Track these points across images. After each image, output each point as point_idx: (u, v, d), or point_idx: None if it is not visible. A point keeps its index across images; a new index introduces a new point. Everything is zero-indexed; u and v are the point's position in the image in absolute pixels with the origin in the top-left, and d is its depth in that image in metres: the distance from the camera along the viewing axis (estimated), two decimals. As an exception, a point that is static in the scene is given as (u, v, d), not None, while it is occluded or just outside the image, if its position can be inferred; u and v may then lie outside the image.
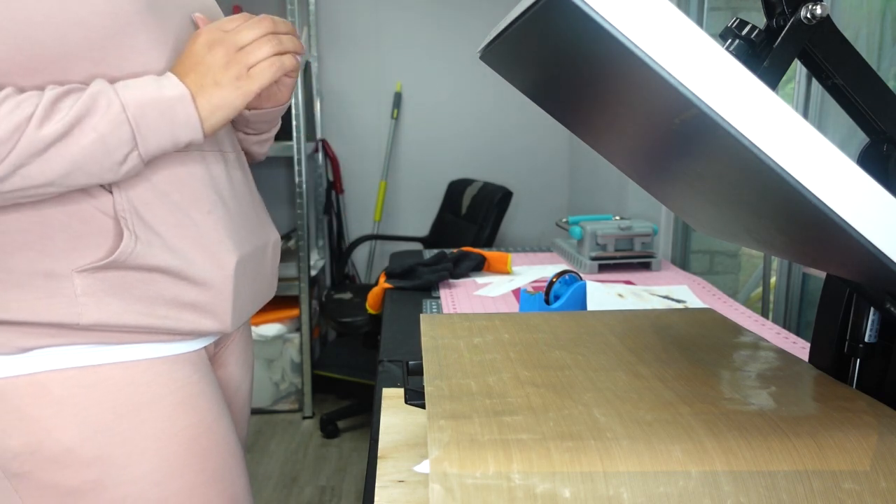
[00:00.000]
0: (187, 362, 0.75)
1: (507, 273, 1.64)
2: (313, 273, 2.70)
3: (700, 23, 1.97)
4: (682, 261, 2.08)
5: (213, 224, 0.72)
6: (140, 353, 0.71)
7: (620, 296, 1.26)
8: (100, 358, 0.69)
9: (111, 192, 0.66)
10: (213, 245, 0.72)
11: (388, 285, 1.52)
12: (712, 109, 0.39)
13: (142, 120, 0.63)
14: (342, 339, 3.00)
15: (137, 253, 0.67)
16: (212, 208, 0.73)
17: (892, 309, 0.58)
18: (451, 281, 1.57)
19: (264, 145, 0.93)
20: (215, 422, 0.77)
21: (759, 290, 1.78)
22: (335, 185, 3.05)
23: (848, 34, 0.59)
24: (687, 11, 1.98)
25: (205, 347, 0.80)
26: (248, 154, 0.92)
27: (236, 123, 0.85)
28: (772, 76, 0.53)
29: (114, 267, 0.66)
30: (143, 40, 0.66)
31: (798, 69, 1.50)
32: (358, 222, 3.15)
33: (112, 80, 0.64)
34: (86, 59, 0.63)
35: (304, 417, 2.66)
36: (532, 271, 1.66)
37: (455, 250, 1.71)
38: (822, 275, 0.73)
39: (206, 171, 0.73)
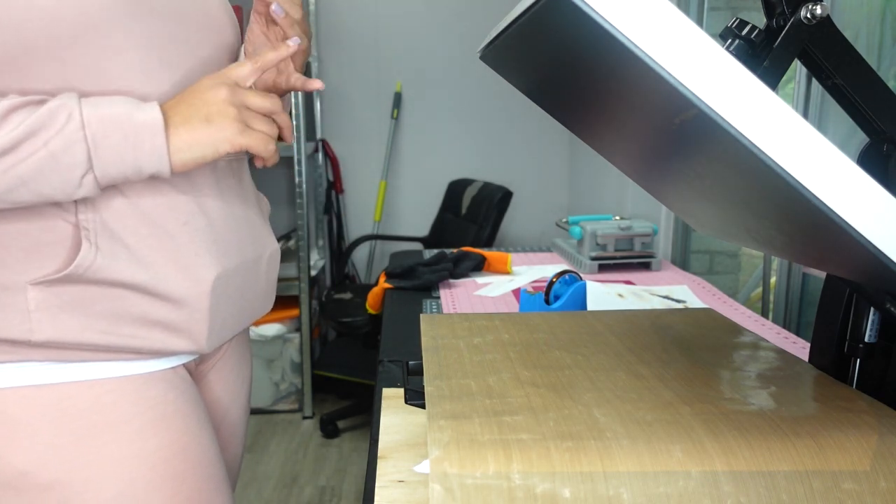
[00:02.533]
0: (161, 380, 0.70)
1: (507, 273, 1.64)
2: (313, 273, 2.70)
3: (700, 23, 1.97)
4: (682, 261, 2.08)
5: (189, 236, 0.67)
6: (104, 371, 0.66)
7: (620, 296, 1.26)
8: (58, 376, 0.64)
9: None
10: (188, 259, 0.67)
11: (388, 285, 1.52)
12: (712, 109, 0.39)
13: (102, 140, 0.56)
14: (342, 339, 3.00)
15: (98, 266, 0.61)
16: (189, 219, 0.67)
17: (892, 309, 0.58)
18: (451, 281, 1.57)
19: None
20: (192, 442, 0.71)
21: (759, 290, 1.78)
22: (335, 185, 3.05)
23: (848, 34, 0.59)
24: (687, 11, 1.98)
25: (184, 364, 0.74)
26: None
27: None
28: (772, 76, 0.53)
29: (71, 280, 0.61)
30: (119, 40, 0.61)
31: (798, 69, 1.50)
32: (358, 222, 3.15)
33: (86, 82, 0.60)
34: (54, 59, 0.58)
35: (304, 417, 2.66)
36: (532, 271, 1.66)
37: (455, 250, 1.71)
38: (822, 275, 0.73)
39: (186, 179, 0.67)
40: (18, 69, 0.58)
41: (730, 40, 0.55)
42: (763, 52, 0.54)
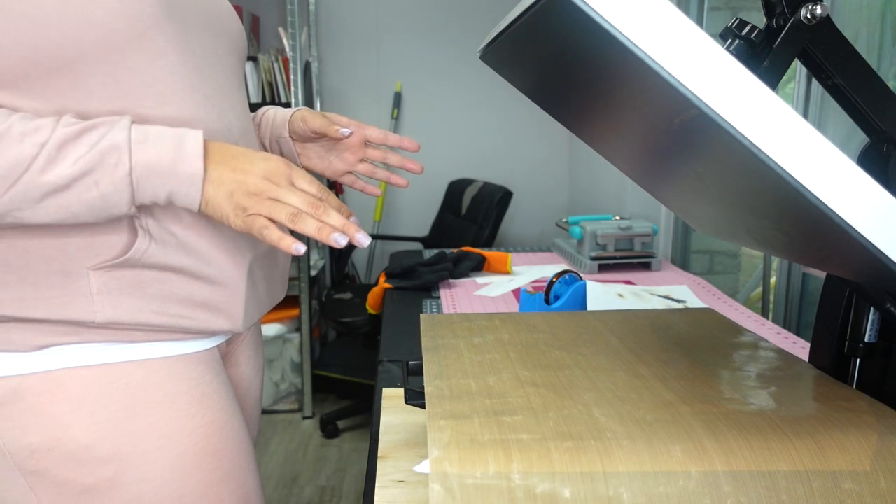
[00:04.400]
0: (200, 361, 0.76)
1: (507, 273, 1.64)
2: (313, 273, 2.70)
3: (700, 23, 1.97)
4: (682, 261, 2.08)
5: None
6: (154, 351, 0.72)
7: (620, 296, 1.26)
8: (115, 356, 0.69)
9: None
10: (227, 244, 0.73)
11: (388, 285, 1.52)
12: (712, 109, 0.39)
13: (144, 182, 0.62)
14: (342, 339, 3.00)
15: (151, 252, 0.67)
16: None
17: (892, 309, 0.58)
18: (451, 281, 1.57)
19: None
20: (228, 421, 0.77)
21: (759, 290, 1.78)
22: (335, 185, 3.05)
23: (848, 34, 0.59)
24: (687, 11, 1.98)
25: (217, 346, 0.80)
26: None
27: None
28: (772, 76, 0.53)
29: (128, 265, 0.67)
30: (161, 43, 0.66)
31: (798, 69, 1.50)
32: (358, 222, 3.15)
33: (132, 83, 0.64)
34: (104, 62, 0.63)
35: (304, 417, 2.66)
36: (532, 271, 1.66)
37: (455, 250, 1.71)
38: (822, 275, 0.73)
39: None
40: (74, 72, 0.62)
41: (730, 40, 0.55)
42: (763, 52, 0.54)
